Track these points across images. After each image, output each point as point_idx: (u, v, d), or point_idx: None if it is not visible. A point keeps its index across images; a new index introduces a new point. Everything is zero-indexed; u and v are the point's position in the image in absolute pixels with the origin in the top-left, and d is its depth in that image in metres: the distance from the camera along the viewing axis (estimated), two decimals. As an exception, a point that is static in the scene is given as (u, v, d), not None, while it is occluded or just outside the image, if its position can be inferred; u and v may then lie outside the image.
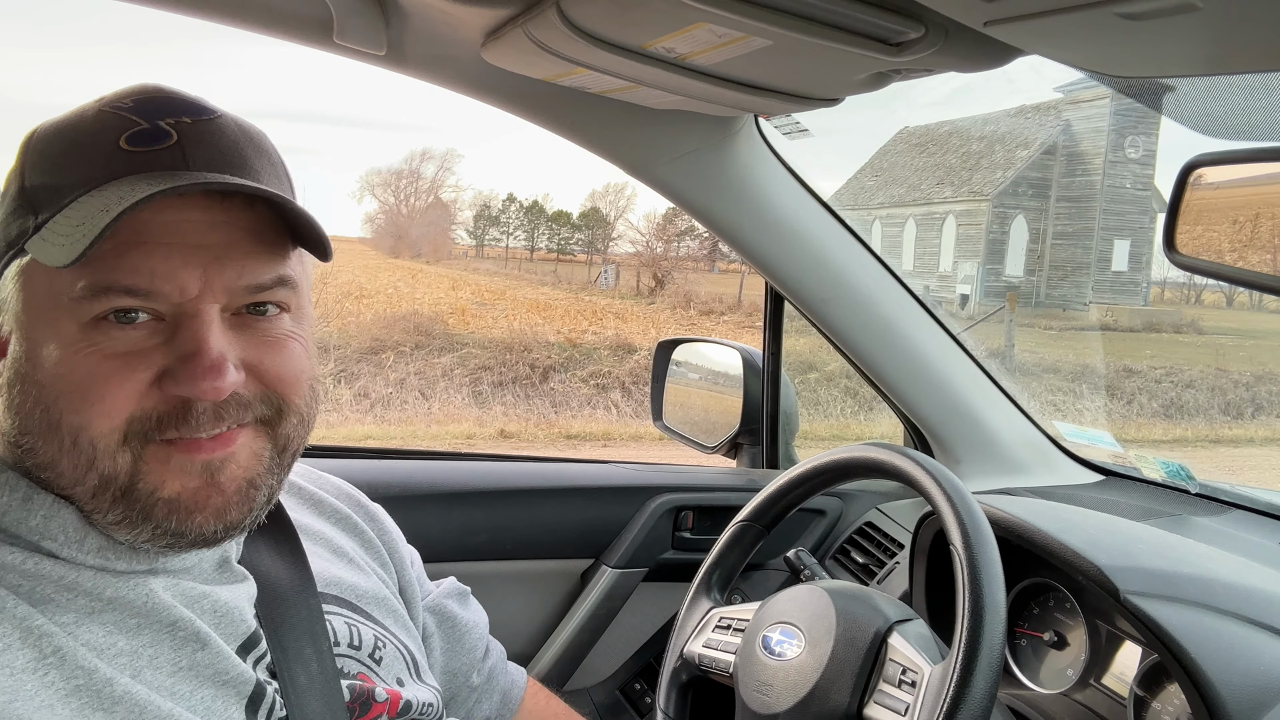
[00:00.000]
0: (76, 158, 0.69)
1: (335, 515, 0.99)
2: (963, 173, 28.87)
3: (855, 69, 0.85)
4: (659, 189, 1.36)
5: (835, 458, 1.18)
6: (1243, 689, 0.97)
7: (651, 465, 1.79)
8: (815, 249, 1.46)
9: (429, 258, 38.31)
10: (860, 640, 1.01)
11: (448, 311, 17.22)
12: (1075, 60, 0.66)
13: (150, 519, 0.69)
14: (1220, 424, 13.16)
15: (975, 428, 1.64)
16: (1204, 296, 35.06)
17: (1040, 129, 28.10)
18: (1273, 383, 15.67)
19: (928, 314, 1.60)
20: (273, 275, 0.72)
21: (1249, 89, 0.80)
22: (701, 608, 1.24)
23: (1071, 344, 19.76)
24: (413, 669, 0.91)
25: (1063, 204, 27.66)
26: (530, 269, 36.00)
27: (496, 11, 0.92)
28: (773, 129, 1.35)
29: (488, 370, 12.72)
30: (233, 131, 0.74)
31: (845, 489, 1.73)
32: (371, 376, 12.30)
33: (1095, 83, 26.95)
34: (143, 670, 0.68)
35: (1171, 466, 1.62)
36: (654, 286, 24.30)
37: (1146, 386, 14.88)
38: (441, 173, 48.89)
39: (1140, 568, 1.09)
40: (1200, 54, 0.59)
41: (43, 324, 0.68)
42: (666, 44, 0.83)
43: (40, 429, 0.68)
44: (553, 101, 1.23)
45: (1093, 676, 1.22)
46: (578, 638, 1.60)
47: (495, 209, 50.55)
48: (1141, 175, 26.86)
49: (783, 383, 1.76)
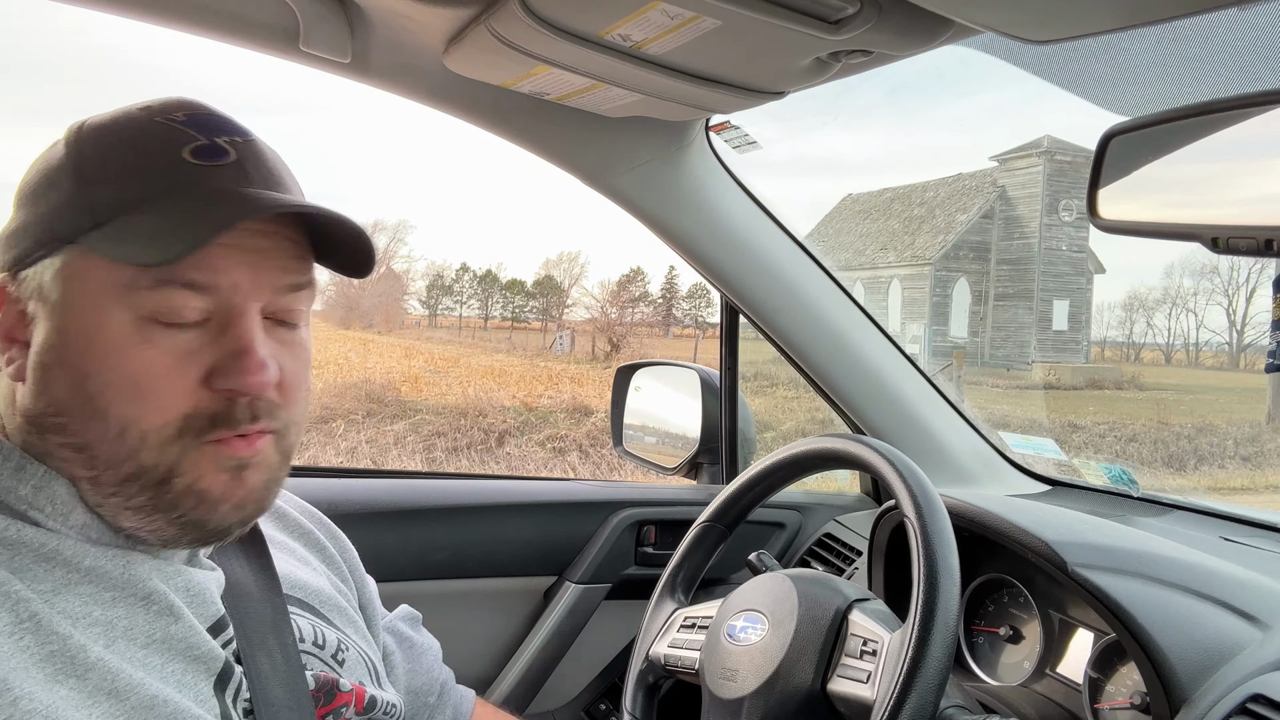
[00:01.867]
0: (141, 164, 0.73)
1: (299, 529, 1.01)
2: (905, 237, 29.73)
3: (798, 52, 0.91)
4: (616, 199, 1.41)
5: (791, 452, 1.21)
6: (1189, 655, 1.00)
7: (613, 482, 1.80)
8: (766, 260, 1.51)
9: (381, 328, 38.08)
10: (822, 618, 1.03)
11: (400, 379, 17.06)
12: (999, 23, 0.72)
13: (177, 508, 0.72)
14: (1164, 475, 13.47)
15: (924, 437, 1.68)
16: (1143, 355, 36.15)
17: (977, 194, 29.13)
18: (1213, 434, 16.13)
19: (875, 327, 1.65)
20: (305, 278, 0.79)
21: (1149, 66, 0.88)
22: (666, 609, 1.25)
23: (1018, 401, 20.19)
24: (374, 675, 0.92)
25: (1003, 266, 28.57)
26: (485, 337, 35.95)
27: (459, 12, 0.97)
28: (723, 144, 1.41)
29: (442, 436, 12.58)
30: (270, 152, 0.81)
31: (803, 502, 1.76)
32: (321, 446, 12.06)
33: (1027, 150, 28.10)
34: (117, 640, 0.69)
35: (1114, 470, 1.68)
36: (609, 351, 24.40)
37: (1091, 441, 15.24)
38: (394, 243, 48.90)
39: (1086, 543, 1.13)
40: (1115, 3, 0.65)
41: (92, 314, 0.70)
42: (623, 30, 0.88)
43: (80, 413, 0.71)
44: (513, 111, 1.27)
45: (1048, 666, 1.24)
46: (541, 656, 1.58)
47: (448, 278, 50.66)
48: (1076, 238, 27.91)
49: (739, 401, 1.80)
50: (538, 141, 1.34)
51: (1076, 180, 27.35)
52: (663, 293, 46.76)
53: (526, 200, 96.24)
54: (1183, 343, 37.43)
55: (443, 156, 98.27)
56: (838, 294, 1.61)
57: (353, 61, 1.14)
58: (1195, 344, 37.06)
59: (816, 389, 1.67)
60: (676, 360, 1.94)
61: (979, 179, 29.76)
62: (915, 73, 64.70)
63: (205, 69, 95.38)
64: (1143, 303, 38.14)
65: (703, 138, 1.39)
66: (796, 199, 71.48)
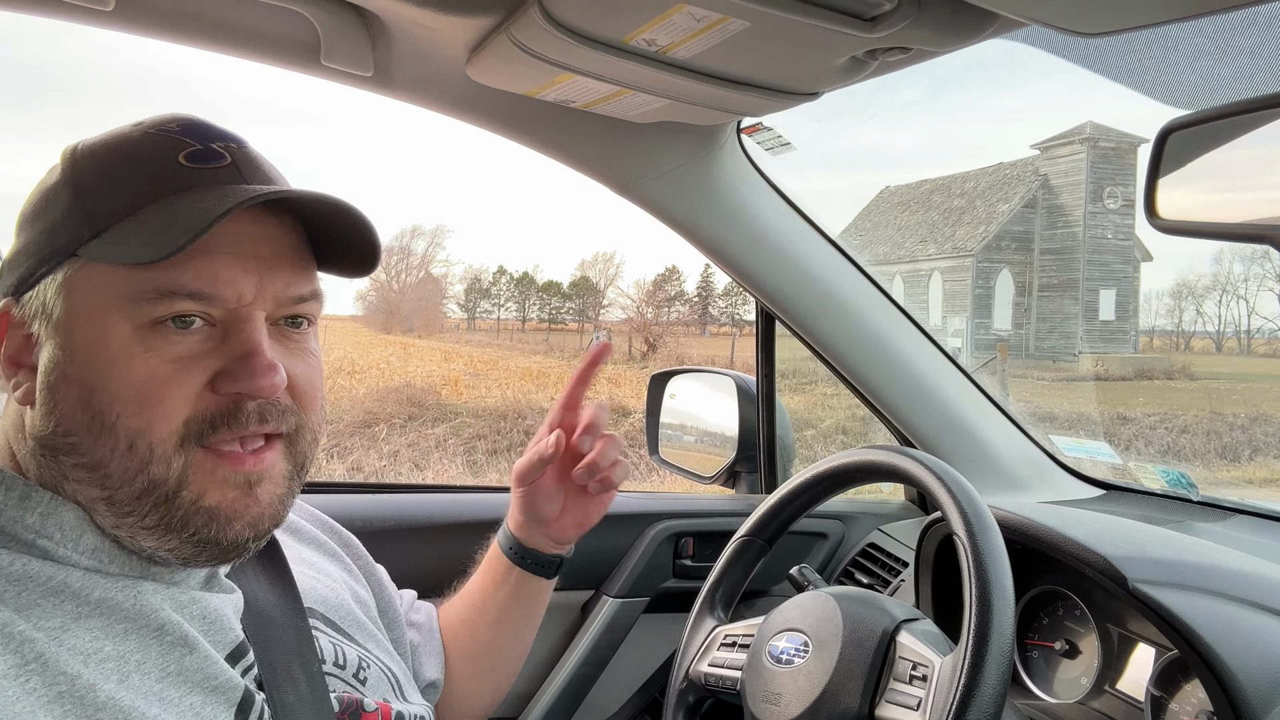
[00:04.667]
0: (137, 171, 0.74)
1: (313, 541, 1.02)
2: (945, 229, 29.34)
3: (832, 52, 0.87)
4: (646, 206, 1.37)
5: (832, 464, 1.17)
6: (1260, 674, 0.95)
7: (650, 493, 1.77)
8: (802, 264, 1.47)
9: (421, 332, 38.55)
10: (868, 641, 0.99)
11: (440, 383, 17.20)
12: (1046, 15, 0.68)
13: (188, 526, 0.71)
14: (1218, 467, 13.15)
15: (971, 443, 1.63)
16: (1193, 343, 35.36)
17: (1019, 183, 28.68)
18: (1268, 424, 15.71)
19: (917, 329, 1.60)
20: (310, 288, 0.78)
21: (1204, 54, 0.83)
22: (706, 626, 1.22)
23: (1065, 394, 19.83)
24: (397, 690, 0.92)
25: (1047, 256, 28.07)
26: (522, 339, 36.20)
27: (480, 21, 0.94)
28: (755, 145, 1.37)
29: (482, 439, 12.65)
30: (263, 158, 0.81)
31: (845, 511, 1.71)
32: (365, 450, 12.20)
33: (1069, 137, 27.58)
34: (130, 675, 0.68)
35: (1172, 475, 1.61)
36: (646, 351, 24.41)
37: (1142, 433, 14.91)
38: (432, 248, 49.50)
39: (1147, 557, 1.08)
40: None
41: (94, 327, 0.70)
42: (648, 34, 0.85)
43: (90, 431, 0.70)
44: (537, 120, 1.25)
45: (1107, 683, 1.19)
46: (580, 672, 1.56)
47: (486, 282, 51.12)
48: (1122, 225, 27.34)
49: (778, 407, 1.76)
50: (564, 150, 1.31)
51: (1121, 167, 26.81)
52: (698, 291, 46.74)
53: (561, 202, 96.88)
54: (1234, 330, 36.61)
55: (478, 160, 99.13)
56: (877, 296, 1.56)
57: (375, 75, 1.12)
58: (1247, 331, 36.20)
59: (857, 394, 1.62)
60: (711, 367, 1.90)
61: (1020, 168, 29.27)
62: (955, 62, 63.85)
63: (227, 81, 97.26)
64: (1192, 290, 37.34)
65: (734, 140, 1.35)
66: (832, 192, 70.99)
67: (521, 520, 1.11)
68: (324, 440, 0.84)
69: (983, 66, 68.18)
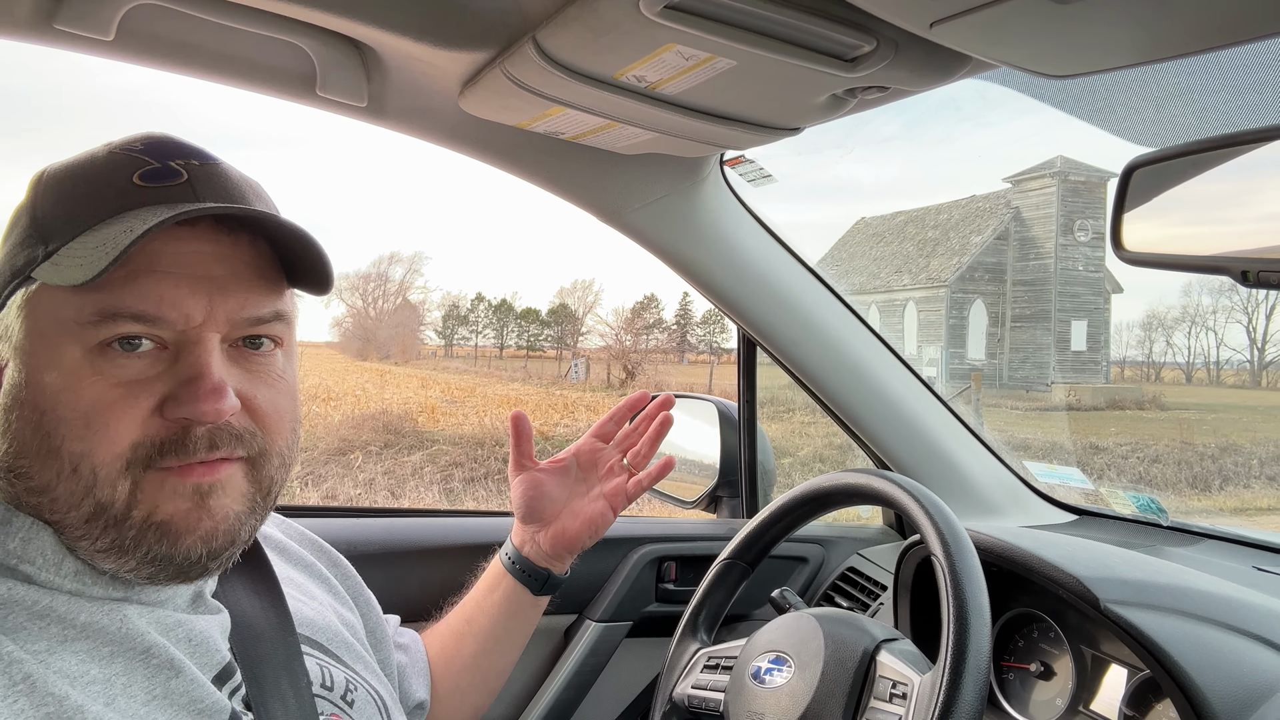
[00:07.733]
0: (90, 191, 0.73)
1: (301, 562, 1.01)
2: (920, 260, 29.68)
3: (814, 90, 0.90)
4: (632, 235, 1.41)
5: (813, 487, 1.20)
6: (1229, 692, 0.97)
7: (632, 517, 1.78)
8: (783, 293, 1.50)
9: (397, 359, 38.30)
10: (849, 660, 1.01)
11: (417, 410, 17.08)
12: (1018, 59, 0.72)
13: (141, 545, 0.70)
14: (1189, 496, 13.29)
15: (949, 469, 1.66)
16: (1163, 374, 35.83)
17: (991, 216, 29.09)
18: (1237, 454, 15.91)
19: (895, 357, 1.64)
20: (271, 309, 0.76)
21: (1169, 98, 0.88)
22: (689, 648, 1.23)
23: (1038, 423, 20.01)
24: (384, 713, 0.91)
25: (1019, 288, 28.44)
26: (500, 366, 36.09)
27: (475, 55, 0.97)
28: (738, 176, 1.41)
29: (459, 466, 12.56)
30: (235, 175, 0.79)
31: (825, 535, 1.74)
32: (339, 478, 12.06)
33: (1040, 171, 28.07)
34: (117, 698, 0.67)
35: (1142, 500, 1.65)
36: (625, 378, 24.42)
37: (1114, 463, 15.06)
38: (409, 275, 49.36)
39: (1118, 578, 1.11)
40: (1132, 40, 0.64)
41: (46, 351, 0.69)
42: (638, 71, 0.88)
43: (38, 454, 0.69)
44: (527, 150, 1.28)
45: (1081, 703, 1.21)
46: (564, 696, 1.56)
47: (464, 308, 50.96)
48: (1092, 258, 27.79)
49: (759, 433, 1.78)
50: (553, 180, 1.34)
51: (1091, 200, 27.28)
52: (677, 319, 46.87)
53: (541, 229, 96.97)
54: (1203, 361, 37.15)
55: (457, 187, 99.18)
56: (855, 324, 1.59)
57: (369, 105, 1.15)
58: (1216, 362, 36.76)
59: (837, 420, 1.65)
60: (693, 392, 1.93)
61: (992, 200, 29.72)
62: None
63: (209, 107, 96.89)
64: (1162, 321, 37.90)
65: (717, 172, 1.39)
66: (811, 222, 71.63)
67: (519, 523, 1.16)
68: (297, 466, 0.82)
69: (957, 104, 69.51)
